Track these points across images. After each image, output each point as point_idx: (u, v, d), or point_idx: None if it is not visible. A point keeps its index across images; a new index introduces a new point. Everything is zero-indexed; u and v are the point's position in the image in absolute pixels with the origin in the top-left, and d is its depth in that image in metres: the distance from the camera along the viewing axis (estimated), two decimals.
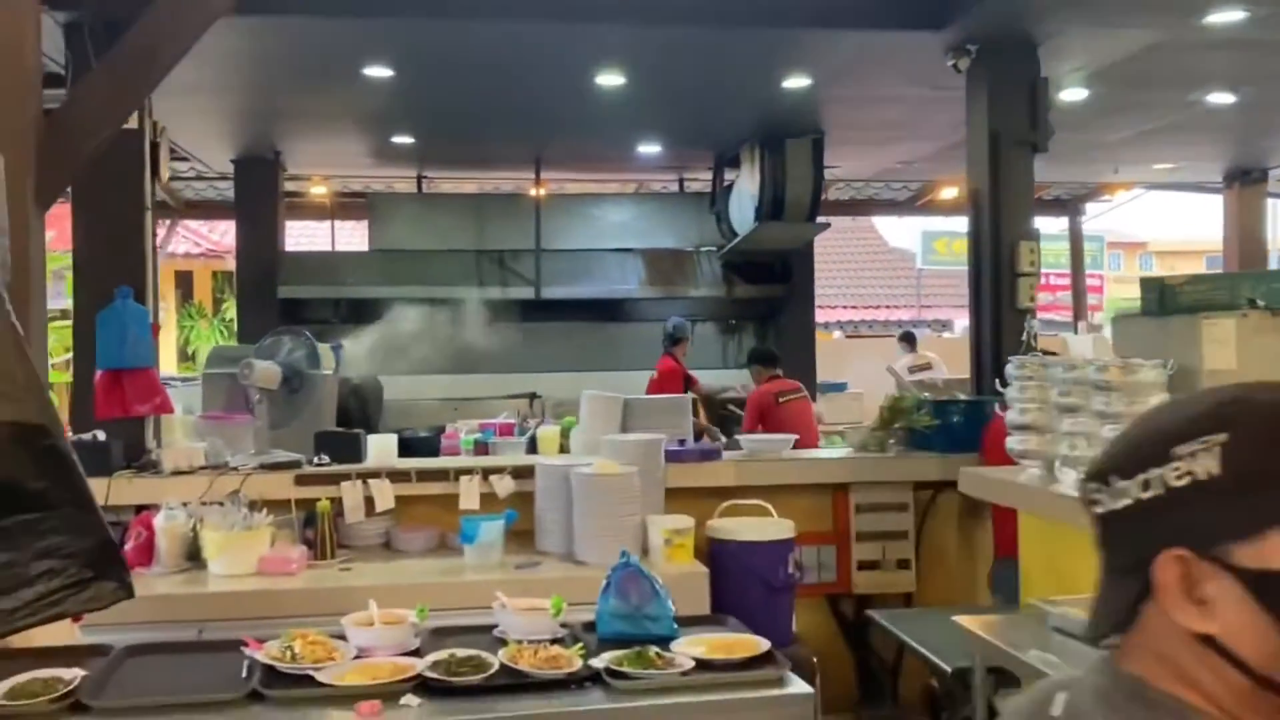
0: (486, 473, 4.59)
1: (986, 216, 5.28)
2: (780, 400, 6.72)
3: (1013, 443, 3.92)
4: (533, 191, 8.96)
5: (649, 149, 8.17)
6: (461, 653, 2.67)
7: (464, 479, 4.55)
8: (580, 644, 2.76)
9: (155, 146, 4.79)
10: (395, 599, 3.69)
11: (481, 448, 6.27)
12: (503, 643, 2.82)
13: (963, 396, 5.21)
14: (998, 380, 4.00)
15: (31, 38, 3.24)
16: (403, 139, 7.68)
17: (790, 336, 9.16)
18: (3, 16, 3.14)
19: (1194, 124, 7.61)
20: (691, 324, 9.45)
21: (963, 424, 4.92)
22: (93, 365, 4.53)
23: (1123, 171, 9.87)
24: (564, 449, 6.29)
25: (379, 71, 5.69)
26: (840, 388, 10.08)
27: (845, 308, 21.13)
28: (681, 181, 9.71)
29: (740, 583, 4.17)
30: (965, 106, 5.50)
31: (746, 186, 7.83)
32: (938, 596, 4.94)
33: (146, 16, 3.41)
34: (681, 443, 4.94)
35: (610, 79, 5.90)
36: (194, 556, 4.14)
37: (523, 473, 4.60)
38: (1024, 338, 5.16)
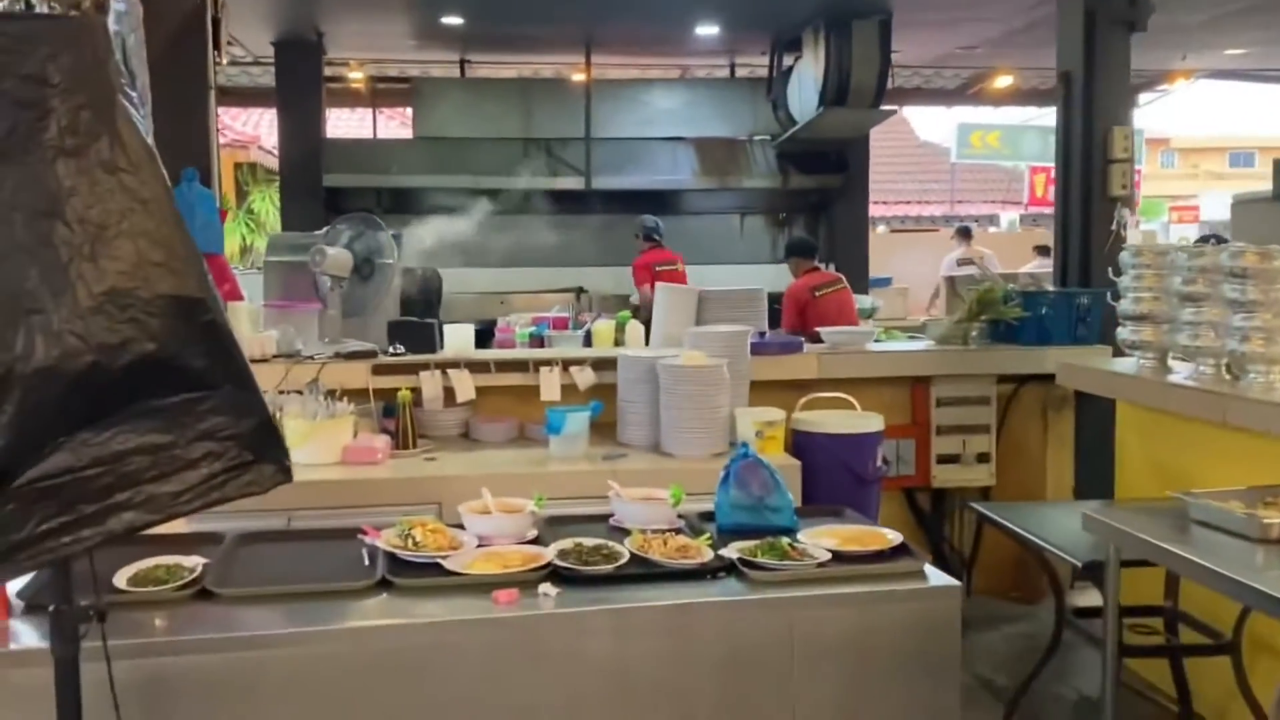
0: (566, 364, 4.50)
1: (1079, 101, 5.04)
2: (817, 294, 6.53)
3: (1124, 333, 3.78)
4: (580, 76, 8.67)
5: (706, 30, 7.87)
6: (589, 541, 2.61)
7: (544, 370, 4.46)
8: (706, 534, 2.70)
9: (217, 23, 4.59)
10: (489, 489, 3.64)
11: (536, 341, 6.17)
12: (621, 531, 2.76)
13: (1050, 287, 5.05)
14: (1110, 269, 3.84)
15: None
16: (451, 19, 7.41)
17: (843, 229, 8.96)
18: None
19: (1275, 4, 7.25)
20: (743, 216, 9.27)
21: (1051, 316, 4.78)
22: None
23: (1190, 58, 9.49)
24: (618, 342, 6.19)
25: None
26: (885, 282, 9.92)
27: (878, 203, 20.77)
28: (733, 67, 9.39)
29: (829, 475, 4.09)
30: None
31: (809, 71, 7.55)
32: (1016, 492, 4.88)
33: None
34: (761, 335, 4.82)
35: None
36: None
37: (602, 364, 4.51)
38: (1114, 227, 4.99)
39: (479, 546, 2.60)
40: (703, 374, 4.05)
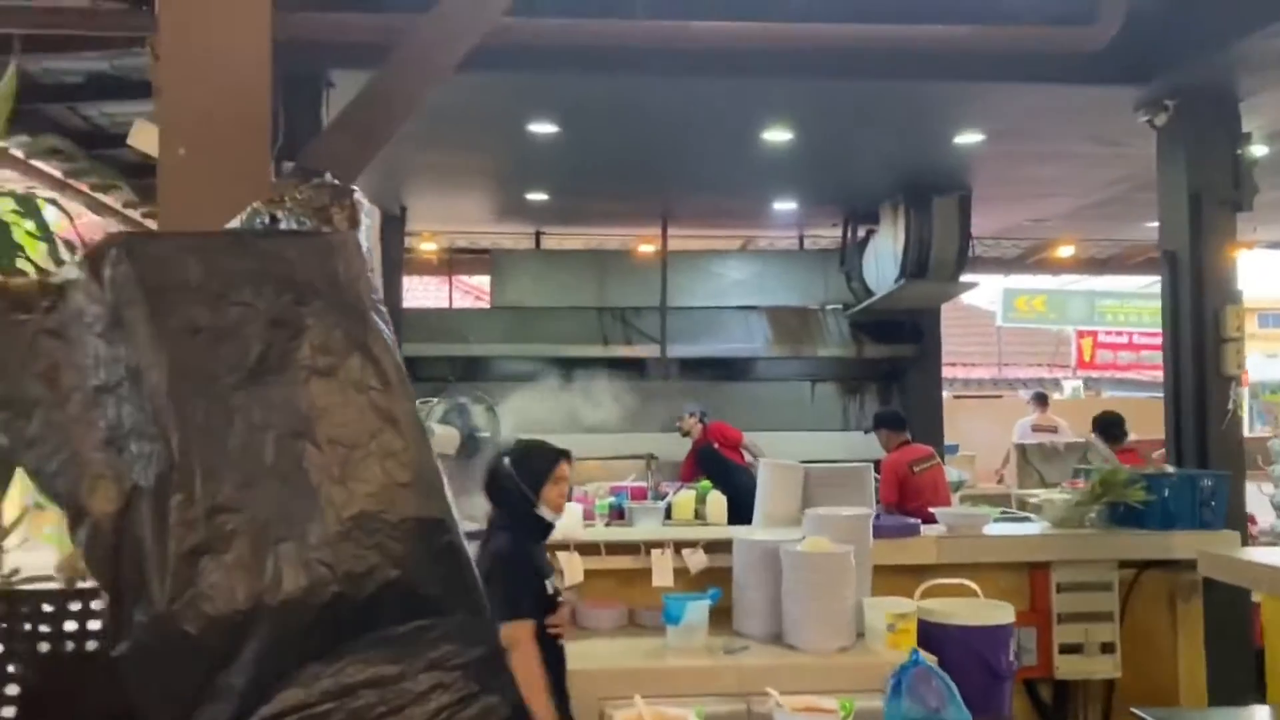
0: (678, 546, 4.37)
1: (1187, 280, 5.00)
2: (916, 469, 6.41)
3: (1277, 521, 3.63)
4: (646, 247, 8.81)
5: (783, 206, 8.00)
6: None
7: (655, 553, 4.33)
8: None
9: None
10: (614, 686, 3.46)
11: (616, 512, 6.05)
12: None
13: (1171, 469, 4.90)
14: (1260, 458, 3.70)
15: (266, 95, 3.12)
16: (536, 195, 7.58)
17: (916, 398, 8.88)
18: (239, 76, 3.03)
19: None
20: (813, 384, 9.23)
21: (1174, 498, 4.61)
22: None
23: (1261, 230, 9.50)
24: (698, 515, 6.03)
25: (544, 128, 5.57)
26: (953, 450, 9.76)
27: None
28: (802, 238, 9.53)
29: (962, 670, 3.86)
30: (1156, 165, 5.26)
31: (886, 243, 7.62)
32: (1145, 685, 4.61)
33: (383, 70, 3.29)
34: (876, 516, 4.68)
35: (777, 134, 5.74)
36: None
37: (713, 547, 4.38)
38: (1230, 406, 4.86)
39: None
40: (829, 562, 3.89)
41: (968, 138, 5.89)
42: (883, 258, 7.74)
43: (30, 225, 2.86)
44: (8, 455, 1.37)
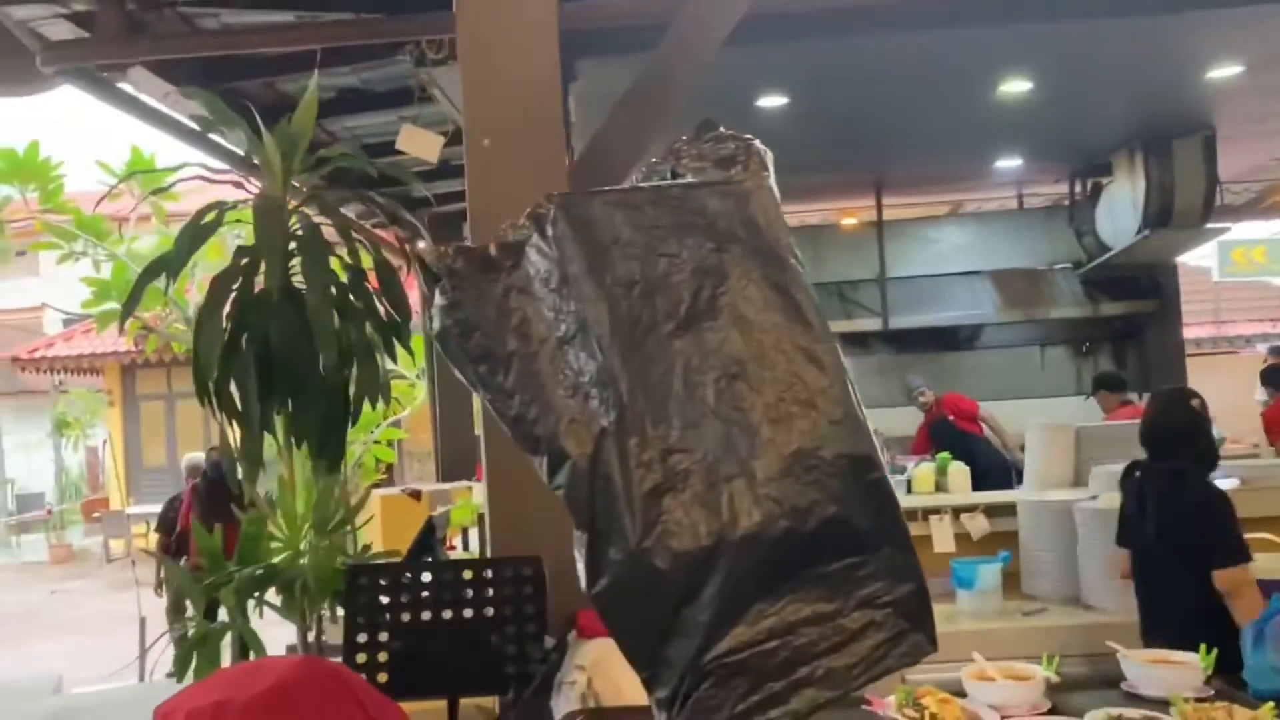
0: (957, 512, 4.29)
1: None
2: None
3: None
4: (847, 221, 8.66)
5: (1006, 163, 7.73)
6: (1130, 714, 2.35)
7: (934, 519, 4.27)
8: (1270, 704, 2.39)
9: None
10: None
11: None
12: (1134, 698, 2.50)
13: None
14: None
15: (557, 84, 3.22)
16: None
17: (1156, 356, 8.41)
18: (533, 67, 3.13)
19: None
20: (1043, 349, 8.88)
21: None
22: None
23: None
24: (939, 487, 5.88)
25: (774, 100, 5.55)
26: None
27: None
28: (1021, 197, 9.18)
29: None
30: None
31: (1123, 194, 7.24)
32: None
33: (658, 52, 3.35)
34: None
35: (1015, 86, 5.54)
36: None
37: (994, 510, 4.28)
38: None
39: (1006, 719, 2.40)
40: None
41: (1223, 71, 5.53)
42: (1119, 209, 7.37)
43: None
44: (491, 405, 1.45)
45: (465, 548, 5.27)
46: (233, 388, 3.02)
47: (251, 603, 2.92)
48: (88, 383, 22.68)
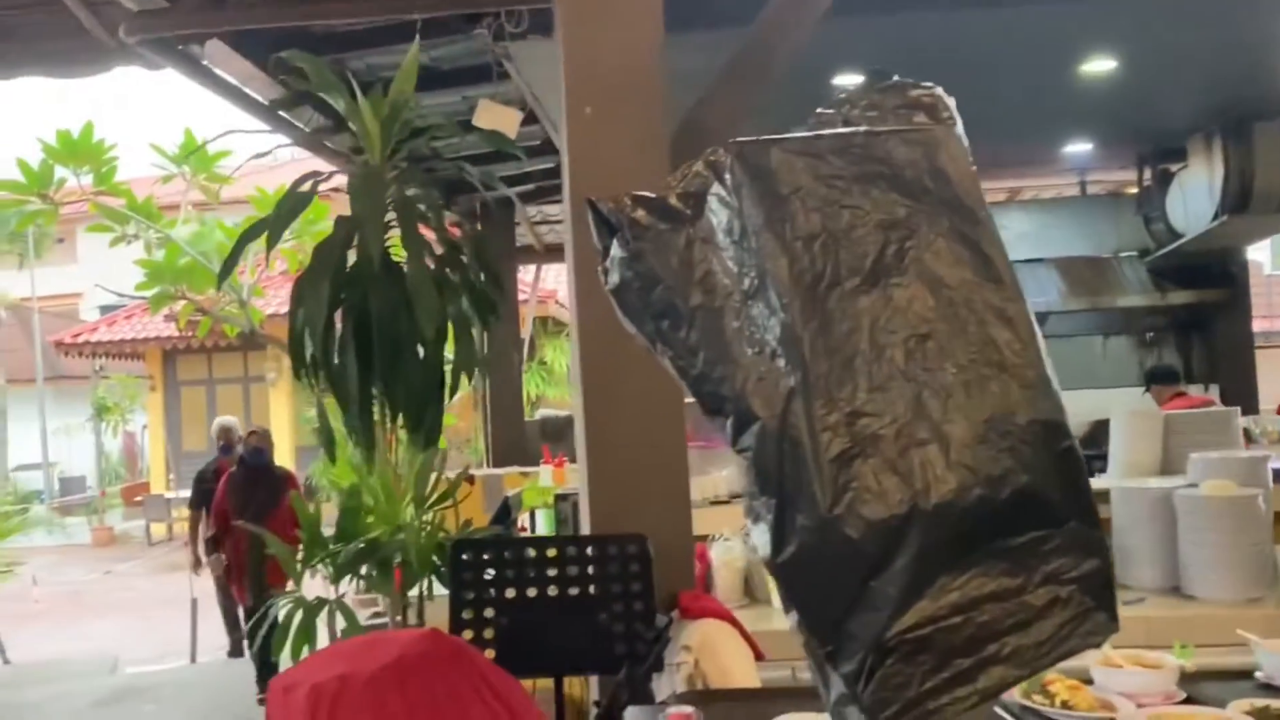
0: None
1: None
2: None
3: None
4: None
5: (1076, 148, 7.58)
6: (1277, 704, 2.24)
7: None
8: None
9: None
10: None
11: None
12: (1269, 689, 2.39)
13: None
14: None
15: (658, 52, 3.14)
16: None
17: (1223, 347, 8.23)
18: (634, 34, 3.05)
19: None
20: (1105, 338, 8.72)
21: None
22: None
23: None
24: None
25: (849, 79, 5.45)
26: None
27: None
28: (1084, 184, 9.01)
29: None
30: None
31: (1199, 180, 7.08)
32: None
33: (756, 25, 3.26)
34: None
35: (1097, 65, 5.40)
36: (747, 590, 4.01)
37: None
38: None
39: (1141, 708, 2.30)
40: (1235, 506, 3.62)
41: None
42: (1193, 195, 7.20)
43: None
44: (674, 364, 1.38)
45: (533, 530, 5.22)
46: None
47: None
48: (127, 368, 22.88)
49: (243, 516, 6.10)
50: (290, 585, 5.54)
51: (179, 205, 9.73)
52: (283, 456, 18.11)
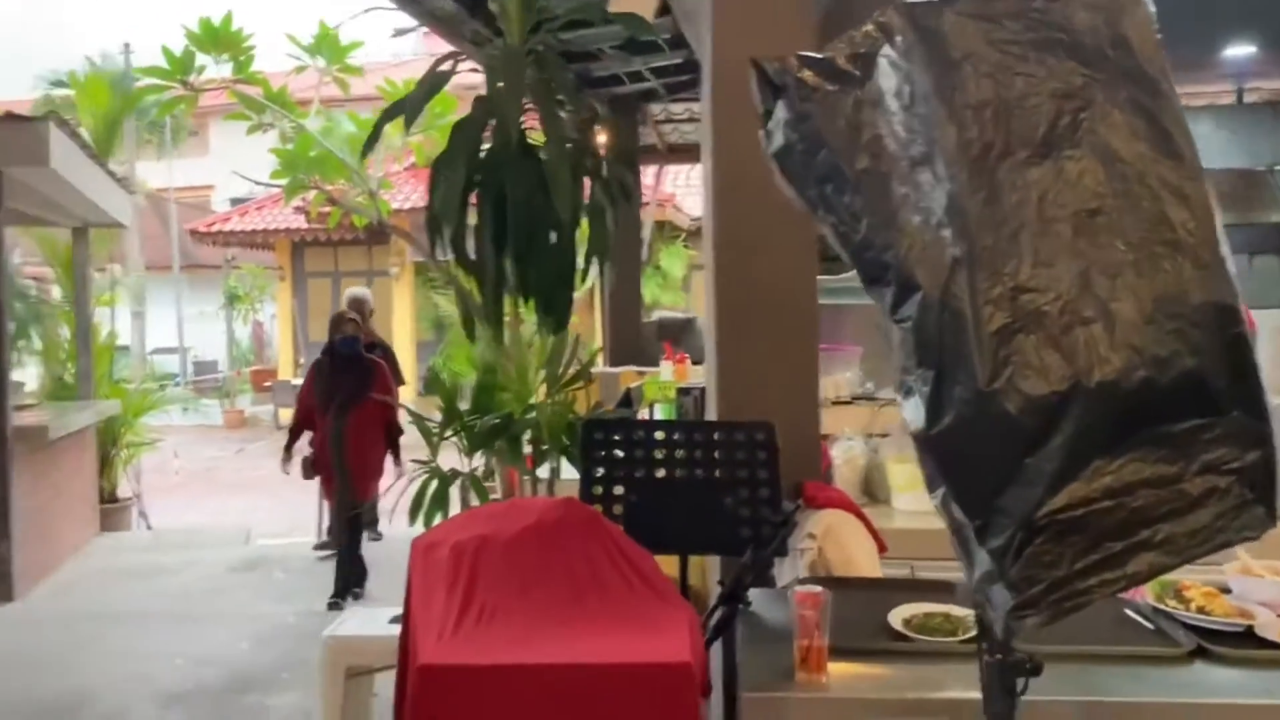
0: None
1: None
2: None
3: None
4: None
5: (1237, 52, 7.13)
6: None
7: None
8: None
9: None
10: None
11: None
12: None
13: None
14: None
15: None
16: None
17: None
18: None
19: None
20: (1251, 257, 8.30)
21: None
22: None
23: None
24: None
25: None
26: None
27: None
28: (1240, 92, 8.49)
29: None
30: None
31: None
32: None
33: None
34: None
35: None
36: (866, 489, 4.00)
37: None
38: None
39: None
40: None
41: None
42: None
43: None
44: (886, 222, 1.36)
45: None
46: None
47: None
48: (257, 258, 23.69)
49: (327, 408, 6.03)
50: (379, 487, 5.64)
51: (308, 101, 9.90)
52: (402, 350, 18.63)
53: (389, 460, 6.16)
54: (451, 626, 1.82)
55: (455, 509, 3.15)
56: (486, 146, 3.08)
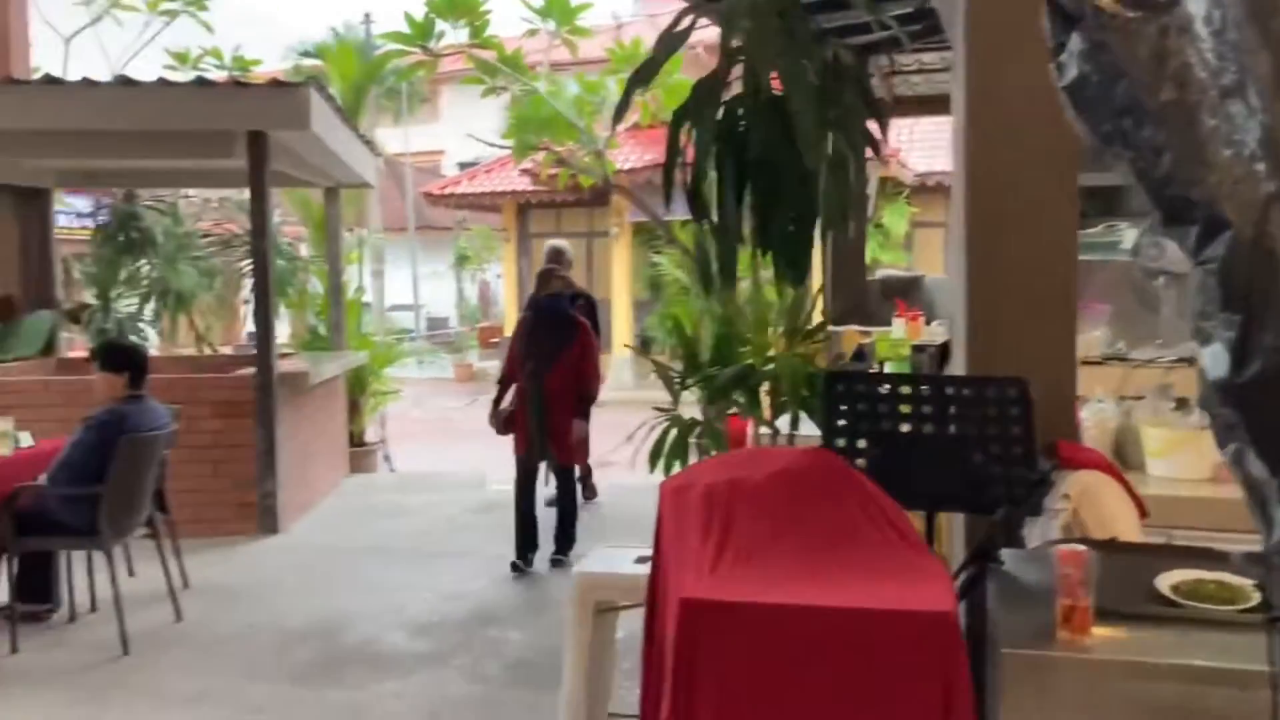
0: None
1: None
2: None
3: None
4: None
5: None
6: None
7: None
8: None
9: None
10: None
11: None
12: None
13: None
14: None
15: None
16: None
17: None
18: None
19: None
20: None
21: None
22: None
23: None
24: None
25: None
26: None
27: None
28: None
29: None
30: None
31: None
32: None
33: None
34: None
35: None
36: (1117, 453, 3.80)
37: None
38: None
39: None
40: None
41: None
42: None
43: None
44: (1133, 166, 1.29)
45: None
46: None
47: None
48: (484, 220, 24.68)
49: (527, 364, 5.89)
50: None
51: (537, 65, 10.18)
52: (619, 309, 19.03)
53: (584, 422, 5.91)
54: (709, 564, 1.86)
55: (693, 458, 3.21)
56: (732, 95, 3.09)
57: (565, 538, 6.07)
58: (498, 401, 6.21)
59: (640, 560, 2.85)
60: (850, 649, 1.66)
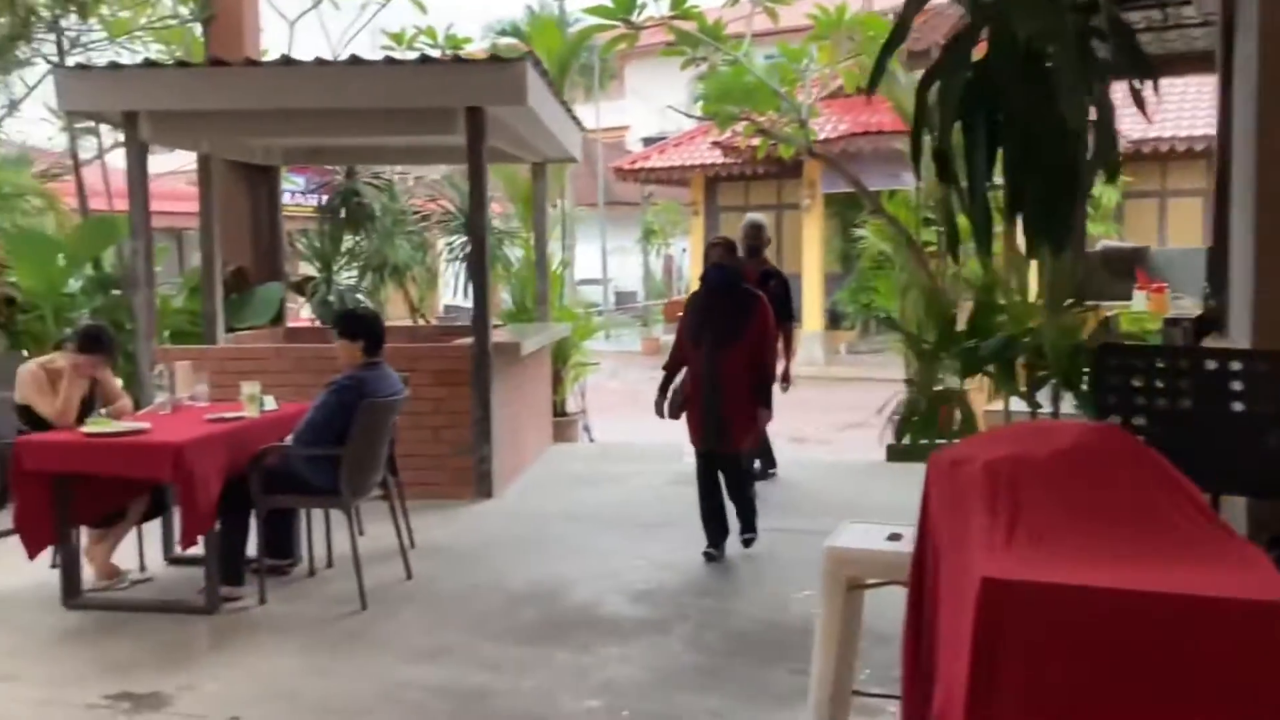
0: None
1: None
2: None
3: None
4: None
5: None
6: None
7: None
8: None
9: None
10: None
11: None
12: None
13: None
14: None
15: None
16: None
17: None
18: None
19: None
20: None
21: None
22: None
23: None
24: None
25: None
26: None
27: None
28: None
29: None
30: None
31: None
32: None
33: None
34: None
35: None
36: None
37: None
38: None
39: None
40: None
41: None
42: None
43: None
44: None
45: None
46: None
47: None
48: (672, 194, 24.73)
49: (698, 345, 5.49)
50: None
51: (735, 36, 10.08)
52: (810, 283, 18.74)
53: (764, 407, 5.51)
54: (1001, 543, 1.78)
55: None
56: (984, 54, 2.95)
57: (749, 524, 5.76)
58: (665, 387, 5.75)
59: (891, 538, 2.77)
60: (1176, 638, 1.55)
